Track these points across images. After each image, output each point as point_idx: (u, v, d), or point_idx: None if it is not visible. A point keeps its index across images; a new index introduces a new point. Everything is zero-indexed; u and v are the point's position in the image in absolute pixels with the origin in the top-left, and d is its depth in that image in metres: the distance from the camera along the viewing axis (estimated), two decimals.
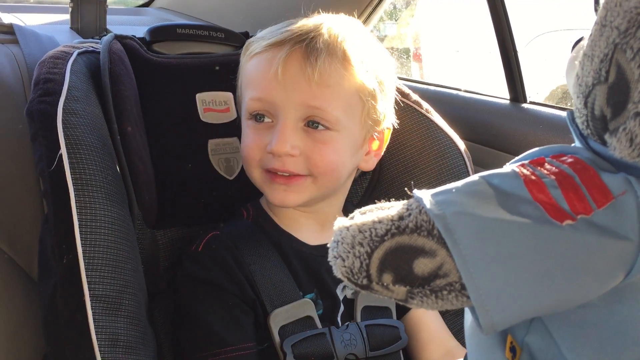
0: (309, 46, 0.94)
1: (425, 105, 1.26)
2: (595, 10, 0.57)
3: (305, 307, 1.00)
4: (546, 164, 0.54)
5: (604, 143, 0.54)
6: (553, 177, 0.52)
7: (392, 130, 1.10)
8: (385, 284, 0.52)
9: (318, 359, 0.97)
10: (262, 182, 1.00)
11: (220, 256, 0.99)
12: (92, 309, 0.85)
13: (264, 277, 0.99)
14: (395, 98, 1.10)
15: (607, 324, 0.52)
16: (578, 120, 0.58)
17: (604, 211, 0.51)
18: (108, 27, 1.49)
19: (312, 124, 0.96)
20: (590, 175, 0.52)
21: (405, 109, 1.20)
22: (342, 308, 1.05)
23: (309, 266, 1.03)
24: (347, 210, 1.14)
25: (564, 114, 1.40)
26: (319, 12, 1.03)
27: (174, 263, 1.10)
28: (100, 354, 0.85)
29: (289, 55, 0.94)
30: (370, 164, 1.08)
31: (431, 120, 1.23)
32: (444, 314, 1.21)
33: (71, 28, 1.50)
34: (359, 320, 1.04)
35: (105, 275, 0.87)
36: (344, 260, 0.54)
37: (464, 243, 0.50)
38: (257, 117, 0.98)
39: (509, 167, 0.56)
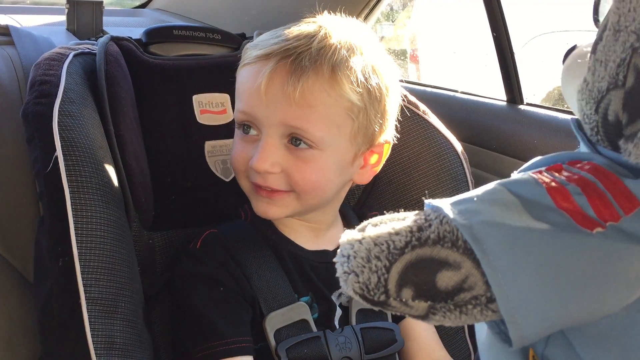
0: (294, 63, 0.90)
1: (423, 106, 1.26)
2: (595, 20, 0.57)
3: (301, 310, 1.00)
4: (564, 170, 0.54)
5: (615, 149, 0.53)
6: (574, 183, 0.52)
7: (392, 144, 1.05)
8: (404, 299, 0.50)
9: None
10: (248, 192, 1.00)
11: (218, 252, 0.99)
12: (88, 311, 0.85)
13: (260, 278, 0.99)
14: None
15: (629, 333, 0.51)
16: (586, 127, 0.56)
17: (631, 218, 0.50)
18: (104, 28, 1.49)
19: (294, 141, 0.93)
20: (612, 181, 0.52)
21: (402, 111, 1.19)
22: (339, 312, 1.05)
23: (304, 270, 1.03)
24: (344, 213, 1.13)
25: (561, 115, 1.40)
26: (318, 14, 1.00)
27: (171, 263, 1.10)
28: (96, 356, 0.84)
29: (273, 71, 0.90)
30: (366, 177, 1.05)
31: (428, 122, 1.23)
32: None
33: (67, 29, 1.50)
34: (354, 324, 1.03)
35: (101, 277, 0.87)
36: (357, 275, 0.50)
37: (494, 253, 0.48)
38: (245, 128, 0.97)
39: (525, 174, 0.54)
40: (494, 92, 1.60)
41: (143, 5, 2.25)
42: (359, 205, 1.27)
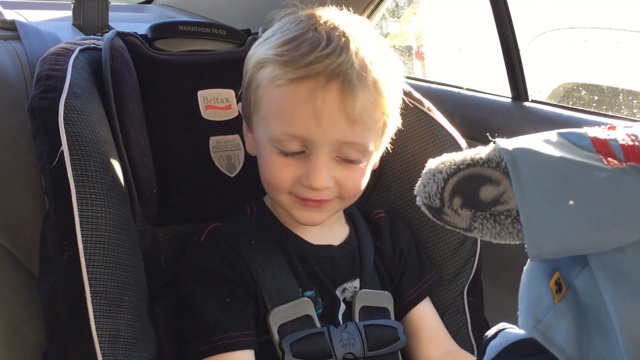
0: (344, 81, 0.89)
1: (427, 103, 1.26)
2: None
3: (305, 306, 1.00)
4: (617, 129, 0.60)
5: None
6: (618, 136, 0.59)
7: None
8: (454, 207, 0.60)
9: (316, 357, 0.97)
10: (289, 205, 0.99)
11: (221, 246, 1.00)
12: (92, 305, 0.85)
13: (265, 273, 1.00)
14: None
15: None
16: None
17: None
18: (110, 23, 1.49)
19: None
20: None
21: (407, 107, 1.20)
22: (343, 307, 1.05)
23: (309, 264, 1.04)
24: (348, 210, 1.13)
25: (565, 112, 1.40)
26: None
27: (176, 257, 1.10)
28: (101, 350, 0.85)
29: (327, 93, 0.89)
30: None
31: (433, 119, 1.23)
32: (445, 312, 1.21)
33: (73, 25, 1.50)
34: (358, 320, 1.04)
35: (106, 271, 0.87)
36: (424, 186, 0.62)
37: (523, 171, 0.57)
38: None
39: (584, 128, 0.62)
40: (499, 88, 1.60)
41: (148, 1, 2.26)
42: (363, 200, 1.27)
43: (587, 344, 0.58)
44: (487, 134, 0.77)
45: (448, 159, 0.62)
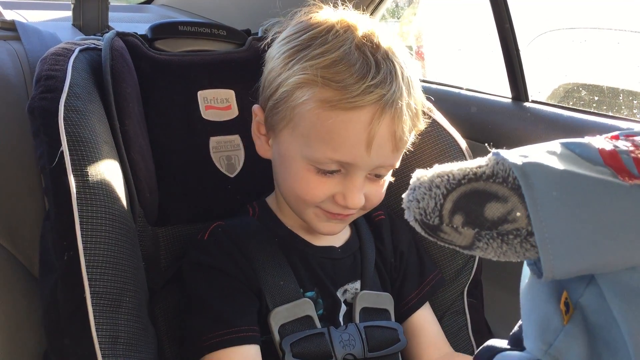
0: (395, 110, 0.90)
1: (427, 103, 1.25)
2: None
3: (305, 306, 1.00)
4: (620, 139, 0.58)
5: None
6: (625, 148, 0.56)
7: None
8: (455, 225, 0.56)
9: (316, 358, 0.97)
10: (314, 217, 1.00)
11: (225, 244, 1.00)
12: (92, 305, 0.85)
13: (267, 273, 1.00)
14: None
15: None
16: None
17: None
18: (110, 24, 1.49)
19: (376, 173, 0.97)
20: None
21: None
22: (344, 308, 1.05)
23: (310, 265, 1.04)
24: None
25: (565, 112, 1.40)
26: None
27: (176, 258, 1.10)
28: (101, 350, 0.85)
29: (381, 123, 0.90)
30: None
31: (433, 119, 1.23)
32: (445, 312, 1.21)
33: (73, 25, 1.50)
34: (358, 321, 1.04)
35: (106, 272, 0.87)
36: (419, 201, 0.57)
37: (537, 187, 0.53)
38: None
39: (585, 138, 0.59)
40: (499, 89, 1.60)
41: (148, 1, 2.26)
42: None
43: None
44: (486, 143, 0.75)
45: (444, 171, 0.58)
